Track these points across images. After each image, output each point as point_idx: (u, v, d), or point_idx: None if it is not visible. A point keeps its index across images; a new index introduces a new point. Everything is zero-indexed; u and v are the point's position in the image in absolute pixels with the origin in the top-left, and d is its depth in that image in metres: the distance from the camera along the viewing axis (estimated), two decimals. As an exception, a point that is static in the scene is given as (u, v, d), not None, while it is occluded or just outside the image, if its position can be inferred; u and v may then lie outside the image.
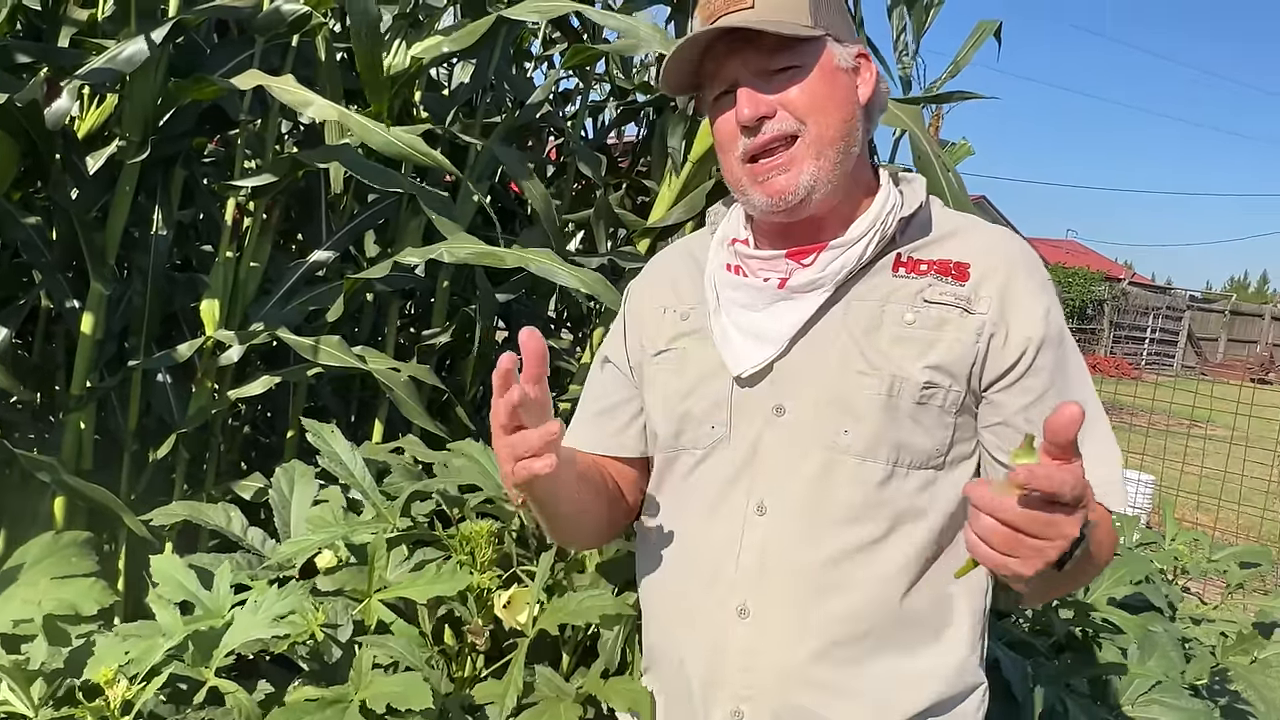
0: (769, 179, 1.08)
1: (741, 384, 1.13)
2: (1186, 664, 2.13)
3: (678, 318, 1.22)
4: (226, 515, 1.68)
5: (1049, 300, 1.10)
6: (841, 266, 1.09)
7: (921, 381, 1.06)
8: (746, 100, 1.07)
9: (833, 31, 1.09)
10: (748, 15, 1.05)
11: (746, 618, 1.09)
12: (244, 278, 2.07)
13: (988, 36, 3.29)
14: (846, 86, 1.10)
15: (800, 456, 1.09)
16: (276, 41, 2.04)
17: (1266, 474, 6.10)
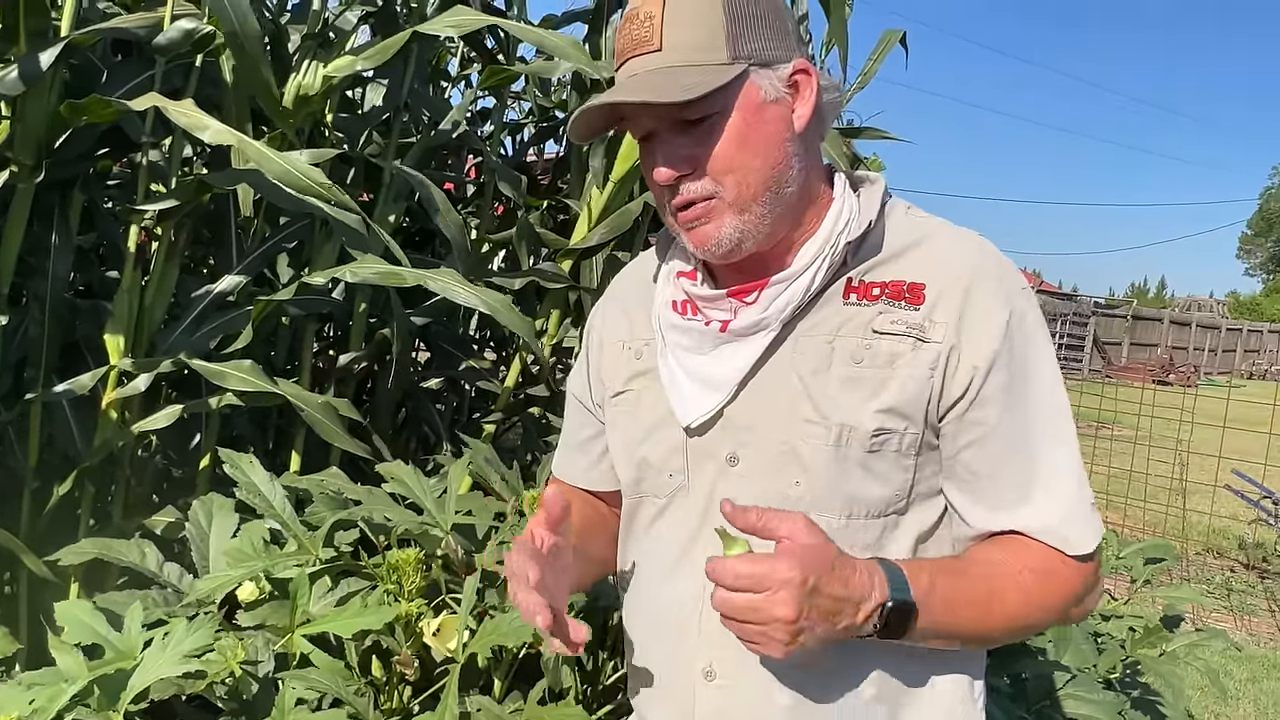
0: (694, 228, 1.02)
1: (693, 433, 1.07)
2: (1099, 658, 2.20)
3: (632, 355, 1.16)
4: (140, 551, 1.61)
5: (1009, 316, 0.99)
6: (787, 303, 1.01)
7: (871, 430, 0.98)
8: (661, 161, 1.00)
9: (758, 57, 0.98)
10: (654, 62, 0.97)
11: (713, 679, 1.05)
12: (150, 304, 2.00)
13: (894, 45, 3.39)
14: (775, 121, 1.00)
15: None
16: (180, 62, 1.98)
17: (1169, 471, 6.37)
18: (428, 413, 2.72)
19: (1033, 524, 0.98)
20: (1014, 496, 0.99)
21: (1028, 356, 1.00)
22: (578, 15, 3.24)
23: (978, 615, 0.97)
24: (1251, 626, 5.43)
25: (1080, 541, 0.98)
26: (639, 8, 0.99)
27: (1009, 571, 0.98)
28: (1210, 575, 6.33)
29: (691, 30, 0.97)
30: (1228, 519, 7.28)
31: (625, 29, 1.00)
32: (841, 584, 0.89)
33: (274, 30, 2.35)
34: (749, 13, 0.99)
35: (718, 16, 0.97)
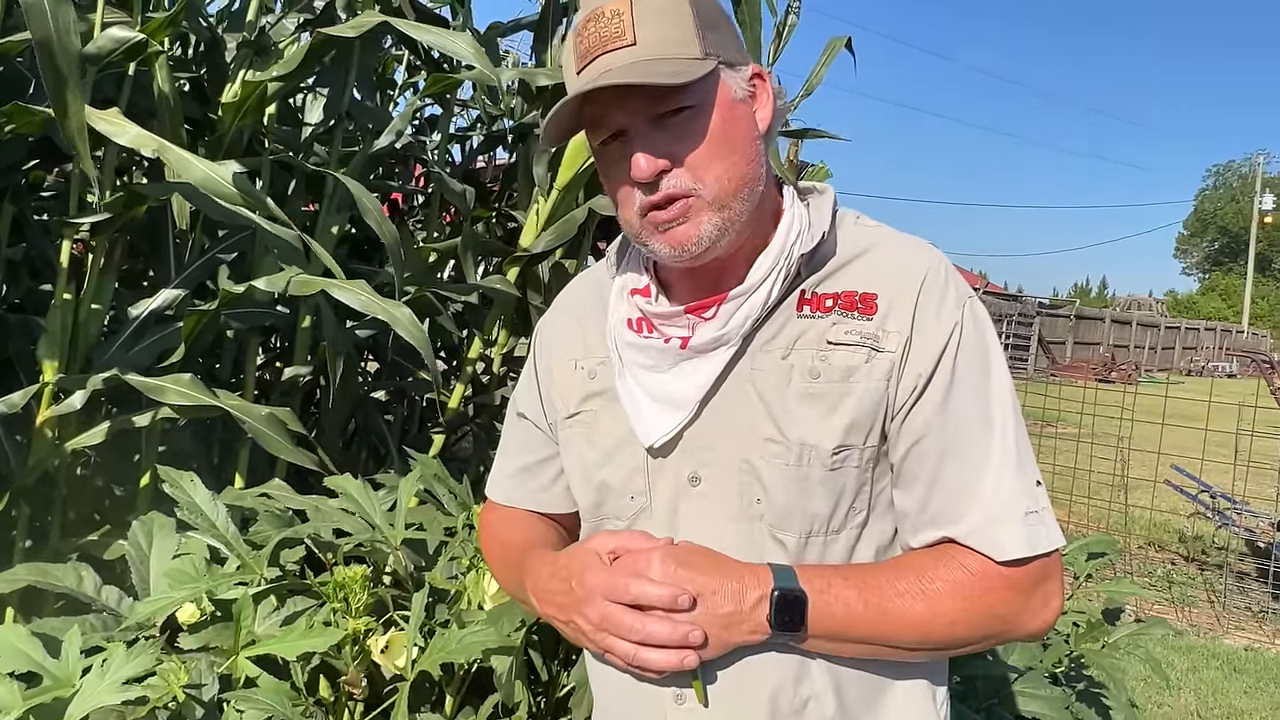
0: (670, 228, 0.98)
1: (654, 453, 1.05)
2: (1045, 655, 2.25)
3: (585, 375, 1.13)
4: (77, 575, 1.57)
5: (957, 325, 0.99)
6: (745, 318, 1.00)
7: (831, 448, 0.98)
8: (641, 158, 0.96)
9: (725, 57, 0.98)
10: (629, 56, 0.94)
11: (684, 703, 1.03)
12: (85, 319, 1.95)
13: (839, 52, 3.43)
14: (746, 119, 1.00)
15: (718, 528, 1.02)
16: (112, 71, 1.94)
17: (1111, 468, 6.52)
18: (376, 424, 2.69)
19: (963, 529, 0.97)
20: (949, 503, 0.99)
21: (973, 364, 1.00)
22: (524, 24, 3.24)
23: (876, 619, 0.96)
24: (1192, 617, 5.58)
25: (1010, 546, 0.96)
26: (604, 6, 0.97)
27: (921, 577, 0.97)
28: (1152, 568, 6.49)
29: (663, 26, 0.95)
30: (1168, 513, 7.48)
31: (590, 27, 0.97)
32: (710, 570, 0.95)
33: (210, 38, 2.31)
34: (712, 13, 0.99)
35: (687, 13, 0.96)
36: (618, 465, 1.08)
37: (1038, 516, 0.98)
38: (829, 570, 0.98)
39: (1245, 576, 6.37)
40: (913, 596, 0.96)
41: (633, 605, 0.95)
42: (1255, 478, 6.52)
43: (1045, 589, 0.99)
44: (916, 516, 1.00)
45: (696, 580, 0.95)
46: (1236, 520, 6.50)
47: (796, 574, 0.95)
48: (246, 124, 2.09)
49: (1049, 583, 0.99)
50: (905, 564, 0.99)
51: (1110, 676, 2.25)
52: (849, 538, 1.01)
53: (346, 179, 2.13)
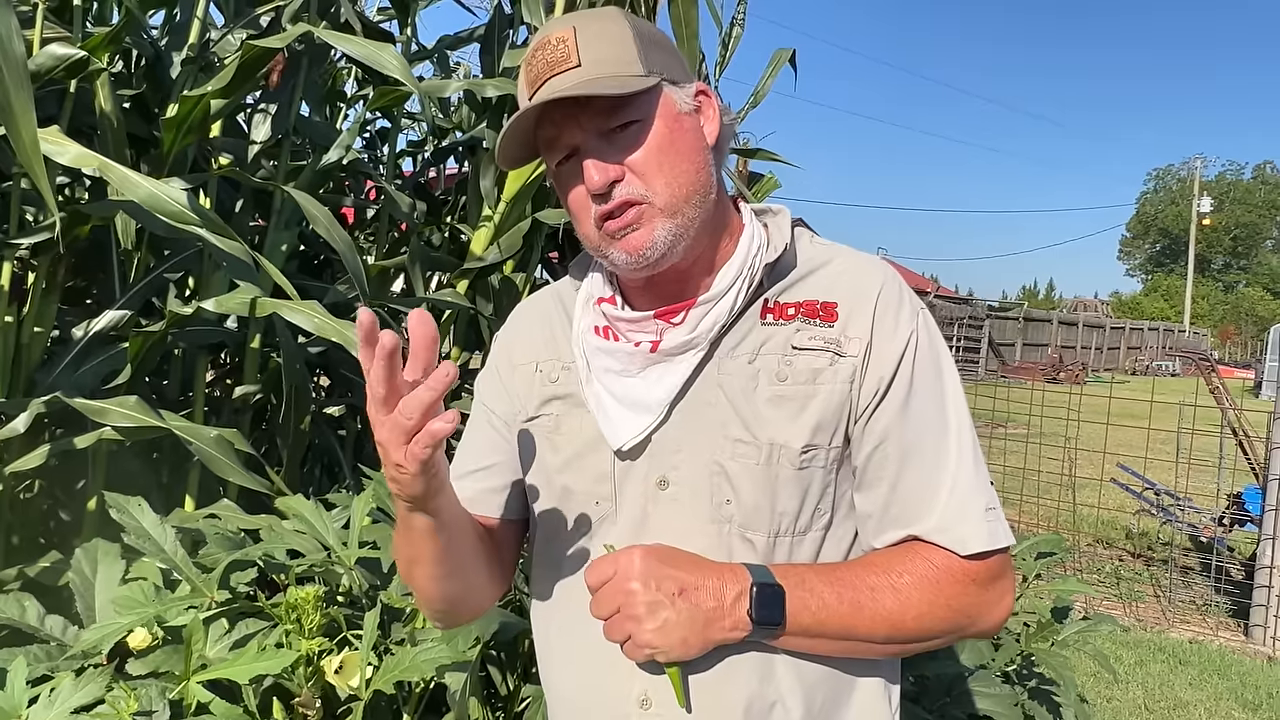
0: (625, 235, 1.01)
1: (622, 457, 1.06)
2: (996, 654, 2.29)
3: (545, 379, 1.14)
4: (20, 605, 1.53)
5: (913, 334, 1.04)
6: (714, 323, 1.04)
7: (800, 447, 1.01)
8: (593, 168, 1.00)
9: (667, 74, 1.03)
10: (575, 77, 0.98)
11: (649, 708, 1.04)
12: (28, 341, 1.91)
13: (784, 64, 3.48)
14: (692, 130, 1.04)
15: (688, 531, 1.03)
16: (52, 88, 1.91)
17: (1060, 467, 6.66)
18: (329, 441, 2.67)
19: (927, 527, 1.01)
20: (911, 504, 1.02)
21: (929, 368, 1.04)
22: (473, 36, 3.25)
23: (851, 613, 0.99)
24: (1139, 612, 5.72)
25: (973, 540, 1.00)
26: (550, 34, 1.01)
27: (889, 573, 1.00)
28: (1100, 565, 6.64)
29: (607, 48, 1.00)
30: (1115, 510, 7.66)
31: (538, 55, 1.02)
32: (691, 568, 0.98)
33: (154, 54, 2.28)
34: (654, 38, 1.05)
35: (628, 36, 1.01)
36: (582, 470, 1.09)
37: (995, 513, 1.03)
38: (802, 568, 1.01)
39: (1190, 571, 6.55)
40: (883, 591, 0.99)
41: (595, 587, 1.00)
42: (1196, 474, 6.71)
43: (1001, 584, 1.03)
44: (880, 517, 1.04)
45: (679, 577, 0.97)
46: (1180, 516, 6.68)
47: (772, 571, 0.99)
48: (190, 141, 2.06)
49: (1004, 579, 1.04)
50: (874, 560, 1.03)
51: (1059, 674, 2.30)
52: (815, 539, 1.04)
53: (293, 191, 2.11)
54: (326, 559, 1.57)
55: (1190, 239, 58.60)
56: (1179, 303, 60.93)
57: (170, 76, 2.21)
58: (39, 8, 1.88)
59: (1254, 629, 5.35)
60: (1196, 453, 6.30)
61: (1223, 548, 6.13)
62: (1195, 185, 60.43)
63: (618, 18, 1.03)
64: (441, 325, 2.59)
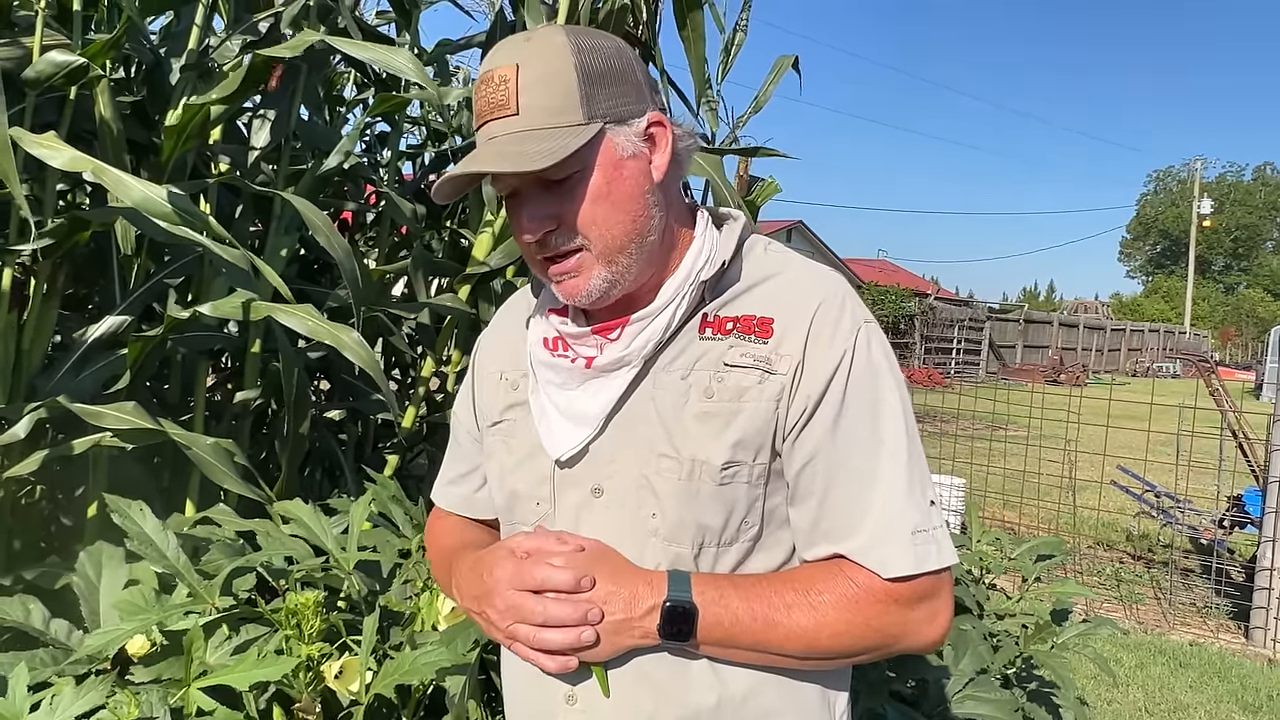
0: (563, 280, 1.05)
1: (562, 465, 1.10)
2: (995, 657, 2.30)
3: (509, 386, 1.19)
4: (24, 608, 1.54)
5: (850, 350, 1.03)
6: (648, 340, 1.06)
7: (720, 463, 1.02)
8: (527, 220, 1.03)
9: (613, 114, 1.01)
10: (511, 125, 0.99)
11: (574, 703, 1.07)
12: (28, 347, 1.92)
13: (786, 70, 3.49)
14: (634, 175, 1.03)
15: (616, 538, 1.06)
16: (52, 95, 1.91)
17: (1060, 470, 6.66)
18: (329, 445, 2.67)
19: (852, 546, 1.02)
20: (839, 522, 1.03)
21: (863, 388, 1.04)
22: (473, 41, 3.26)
23: (763, 630, 1.00)
24: (1140, 614, 5.71)
25: (895, 563, 1.00)
26: (494, 70, 1.00)
27: (809, 590, 1.01)
28: (1101, 567, 6.63)
29: (546, 93, 0.99)
30: (1116, 513, 7.65)
31: (482, 91, 1.02)
32: (610, 575, 1.01)
33: (154, 60, 2.29)
34: (601, 70, 1.01)
35: (570, 78, 0.99)
36: (527, 473, 1.14)
37: (927, 535, 1.03)
38: (723, 581, 1.03)
39: (1190, 573, 6.54)
40: (799, 609, 1.01)
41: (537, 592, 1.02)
42: (1196, 476, 6.71)
43: (931, 605, 1.03)
44: (809, 532, 1.05)
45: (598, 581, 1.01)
46: (1180, 518, 6.68)
47: (691, 584, 1.01)
48: (190, 147, 2.07)
49: (935, 600, 1.04)
50: (795, 577, 1.04)
51: (1059, 676, 2.30)
52: (741, 549, 1.06)
53: (292, 197, 2.11)
54: (325, 563, 1.57)
55: (1191, 241, 58.58)
56: (1179, 304, 60.92)
57: (169, 83, 2.22)
58: (39, 14, 1.89)
59: (1254, 631, 5.35)
60: (1197, 455, 6.30)
61: (1223, 550, 6.13)
62: (1195, 187, 60.41)
63: (563, 52, 1.00)
64: (443, 330, 2.59)
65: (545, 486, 1.12)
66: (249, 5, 2.42)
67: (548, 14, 2.50)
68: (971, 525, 2.82)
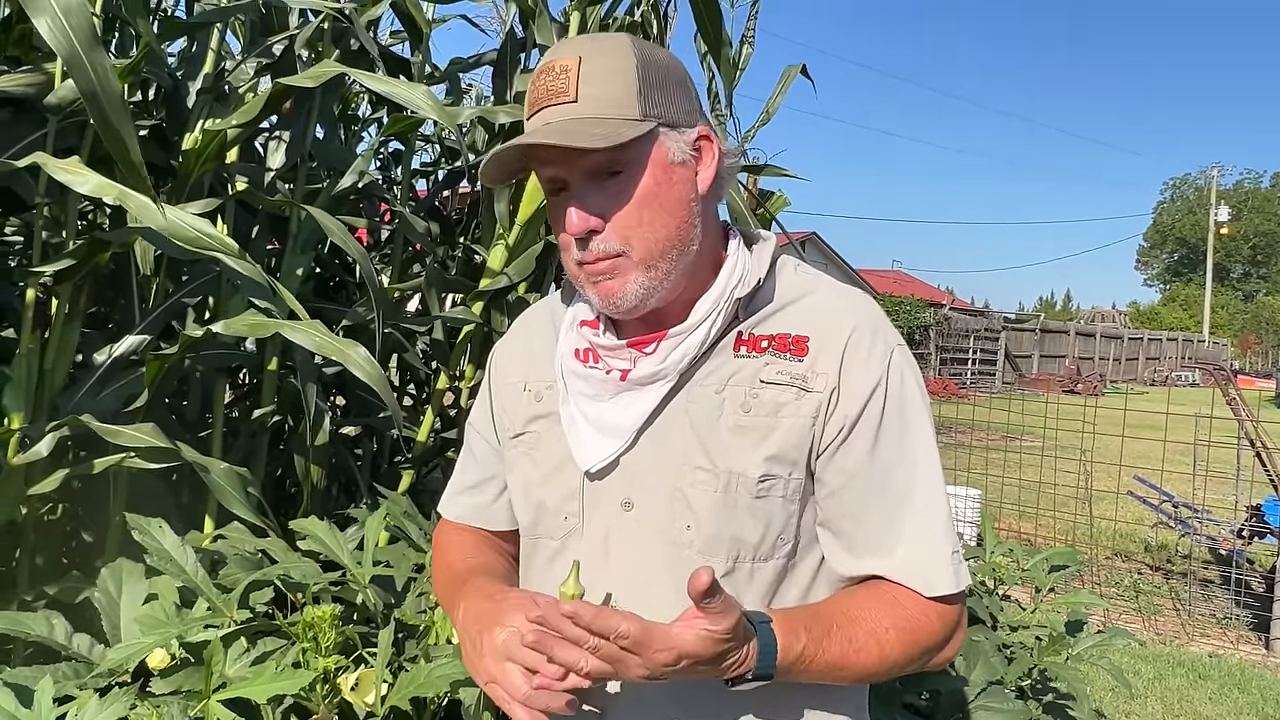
0: (600, 281, 1.05)
1: (592, 477, 1.10)
2: (1009, 668, 2.29)
3: (532, 397, 1.18)
4: (48, 623, 1.57)
5: (885, 371, 1.05)
6: (683, 355, 1.06)
7: (757, 476, 1.03)
8: (575, 214, 1.02)
9: (666, 118, 1.03)
10: (569, 112, 1.00)
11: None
12: (51, 366, 1.95)
13: (794, 79, 3.50)
14: (682, 182, 1.04)
15: (647, 552, 1.06)
16: (73, 120, 1.96)
17: (1075, 481, 6.63)
18: (345, 461, 2.70)
19: (894, 567, 1.04)
20: (878, 542, 1.05)
21: (899, 409, 1.06)
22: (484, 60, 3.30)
23: (840, 669, 1.01)
24: (1158, 626, 5.67)
25: (940, 583, 1.03)
26: (555, 60, 1.02)
27: (872, 629, 1.01)
28: (1119, 578, 6.59)
29: (606, 85, 1.00)
30: (1133, 524, 7.60)
31: (540, 80, 1.03)
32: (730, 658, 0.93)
33: (171, 84, 2.33)
34: (659, 77, 1.03)
35: (631, 75, 1.01)
36: (555, 486, 1.13)
37: (958, 556, 1.06)
38: (805, 629, 0.98)
39: (1209, 584, 6.49)
40: (867, 653, 1.01)
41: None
42: (1215, 486, 6.66)
43: (961, 623, 1.07)
44: (846, 552, 1.07)
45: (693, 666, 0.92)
46: (1199, 529, 6.63)
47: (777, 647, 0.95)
48: (208, 169, 2.11)
49: (962, 615, 1.08)
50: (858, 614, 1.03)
51: (1074, 687, 2.30)
52: (776, 566, 1.06)
53: (309, 208, 2.15)
54: (341, 577, 1.60)
55: (1208, 248, 58.17)
56: (1198, 312, 60.44)
57: (187, 106, 2.26)
58: (62, 42, 1.93)
59: (1274, 642, 5.30)
60: (1215, 464, 6.25)
61: (1242, 560, 6.08)
62: (1212, 194, 60.04)
63: (626, 51, 1.02)
64: (457, 344, 2.62)
65: (574, 500, 1.12)
66: (264, 29, 2.47)
67: (558, 31, 2.54)
68: (986, 537, 2.82)
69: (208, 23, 2.26)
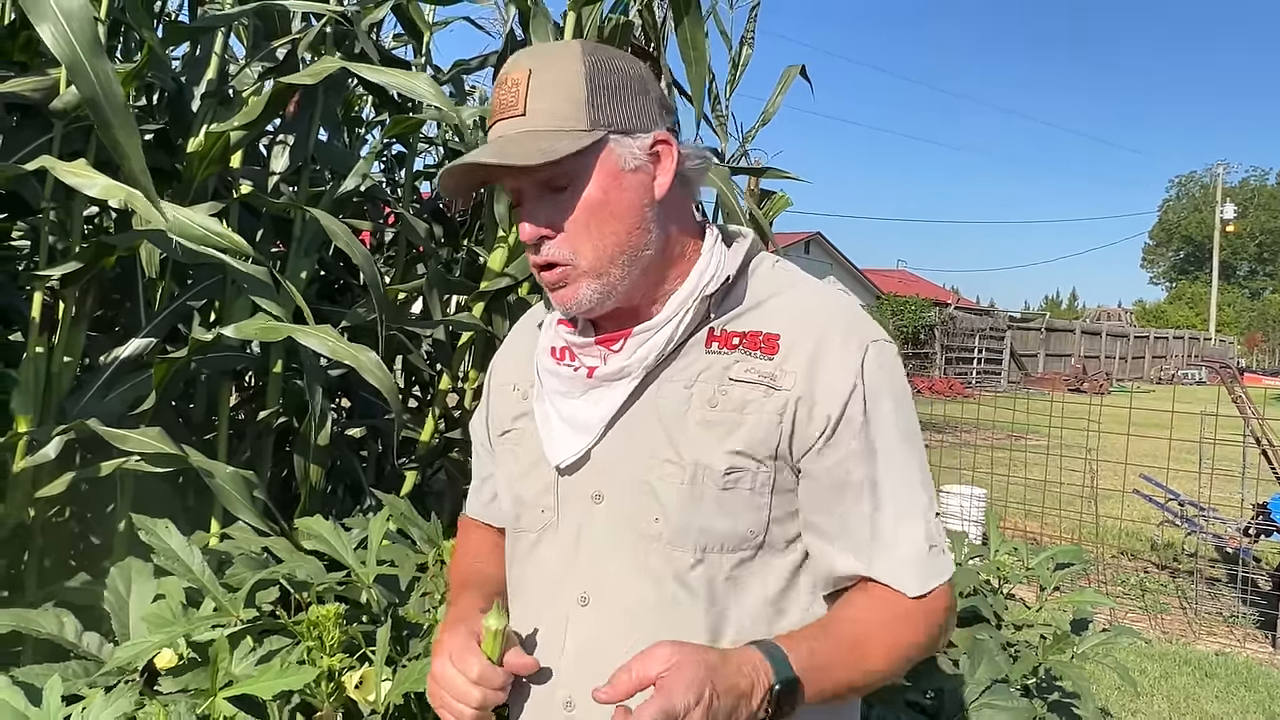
0: (555, 289, 1.09)
1: (563, 472, 1.12)
2: (1013, 667, 2.29)
3: (519, 396, 1.22)
4: (58, 621, 1.58)
5: (860, 367, 1.05)
6: (649, 351, 1.08)
7: (723, 469, 1.04)
8: (524, 225, 1.07)
9: (618, 125, 1.04)
10: (517, 126, 1.02)
11: (572, 710, 1.08)
12: (58, 370, 1.97)
13: (793, 80, 3.51)
14: (634, 189, 1.06)
15: (617, 545, 1.08)
16: (79, 124, 1.97)
17: (1081, 479, 6.62)
18: (350, 462, 2.72)
19: (878, 568, 1.05)
20: (861, 541, 1.06)
21: (879, 406, 1.06)
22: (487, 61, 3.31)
23: (848, 676, 1.01)
24: (1165, 624, 5.66)
25: (918, 583, 1.04)
26: (509, 74, 1.05)
27: (871, 630, 1.03)
28: (1125, 577, 6.58)
29: (553, 98, 1.02)
30: (1140, 522, 7.59)
31: (496, 94, 1.06)
32: (734, 676, 0.92)
33: (176, 88, 2.35)
34: (611, 83, 1.05)
35: (580, 86, 1.03)
36: (532, 480, 1.17)
37: (939, 549, 1.07)
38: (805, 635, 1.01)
39: (1216, 582, 6.48)
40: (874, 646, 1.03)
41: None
42: (1221, 484, 6.65)
43: (949, 610, 1.08)
44: (833, 553, 1.07)
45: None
46: (1205, 527, 6.62)
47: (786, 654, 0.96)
48: (213, 173, 2.12)
49: (950, 603, 1.08)
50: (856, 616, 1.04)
51: (1078, 685, 2.30)
52: (743, 559, 1.07)
53: (313, 210, 2.16)
54: (345, 577, 1.61)
55: (1214, 246, 58.02)
56: (1204, 310, 60.26)
57: (191, 110, 2.28)
58: (66, 48, 1.95)
59: (1282, 640, 5.29)
60: (1221, 462, 6.24)
61: (1249, 558, 6.06)
62: (1218, 191, 59.90)
63: (575, 61, 1.04)
64: (459, 347, 2.63)
65: (549, 495, 1.14)
66: (267, 32, 2.48)
67: (554, 31, 2.55)
68: (992, 536, 2.81)
69: (211, 27, 2.28)
